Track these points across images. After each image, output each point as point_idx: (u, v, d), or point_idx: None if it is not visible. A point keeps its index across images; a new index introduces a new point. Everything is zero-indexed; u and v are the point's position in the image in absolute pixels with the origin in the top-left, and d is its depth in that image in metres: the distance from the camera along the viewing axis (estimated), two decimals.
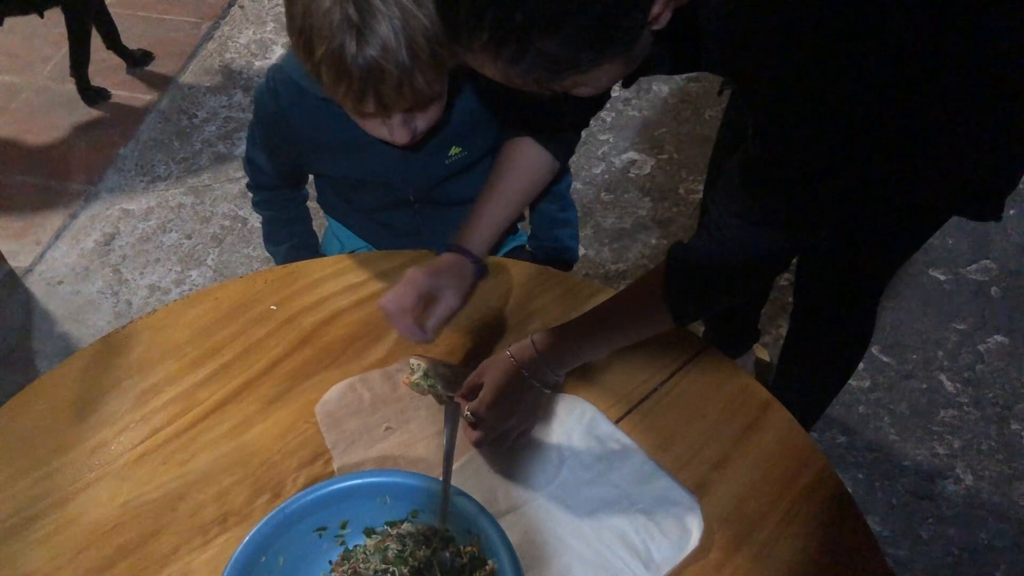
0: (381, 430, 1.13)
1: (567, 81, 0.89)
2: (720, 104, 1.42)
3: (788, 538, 1.01)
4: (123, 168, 2.71)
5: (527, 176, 1.29)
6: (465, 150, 1.35)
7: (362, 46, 1.03)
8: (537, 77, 0.86)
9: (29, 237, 2.50)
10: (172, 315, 1.27)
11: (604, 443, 1.10)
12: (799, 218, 0.97)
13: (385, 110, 1.13)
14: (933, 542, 1.81)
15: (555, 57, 0.84)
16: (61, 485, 1.08)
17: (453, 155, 1.34)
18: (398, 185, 1.37)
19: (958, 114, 1.05)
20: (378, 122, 1.17)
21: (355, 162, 1.34)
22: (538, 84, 0.88)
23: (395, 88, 1.08)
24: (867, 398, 2.05)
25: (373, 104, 1.10)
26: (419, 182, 1.37)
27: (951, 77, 0.97)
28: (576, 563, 0.99)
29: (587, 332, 1.11)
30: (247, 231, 2.49)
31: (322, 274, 1.32)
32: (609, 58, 0.87)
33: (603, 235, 2.45)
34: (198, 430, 1.13)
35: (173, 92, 2.98)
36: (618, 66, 0.90)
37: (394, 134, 1.18)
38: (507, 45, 0.83)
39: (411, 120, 1.18)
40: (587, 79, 0.90)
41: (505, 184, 1.28)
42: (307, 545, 0.96)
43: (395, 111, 1.14)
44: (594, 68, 0.87)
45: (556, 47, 0.82)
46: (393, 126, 1.17)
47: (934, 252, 2.34)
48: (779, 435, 1.10)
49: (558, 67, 0.85)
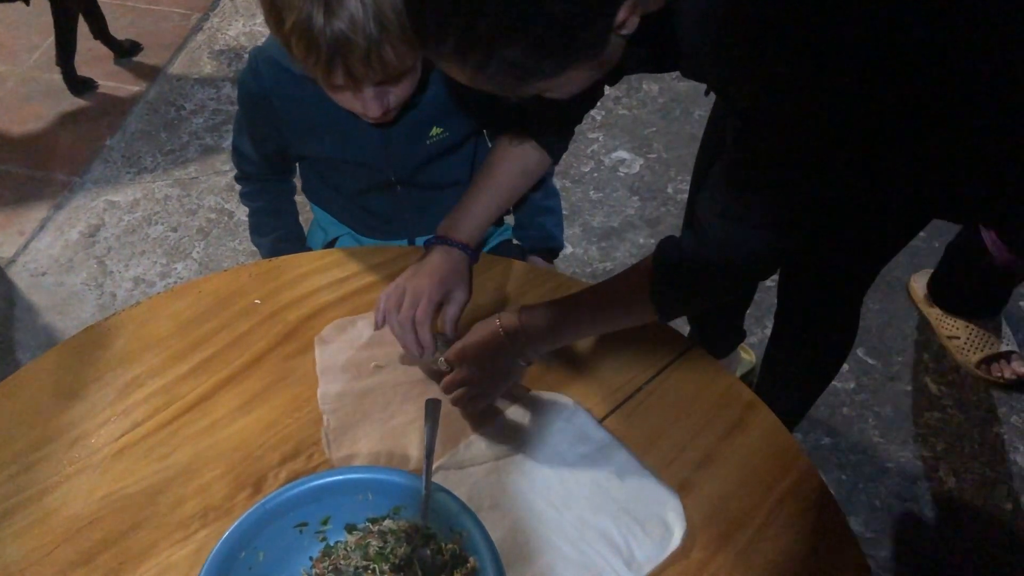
0: (370, 367, 1.18)
1: (534, 87, 0.89)
2: (709, 103, 1.42)
3: (770, 538, 1.01)
4: (109, 159, 2.70)
5: (519, 170, 1.30)
6: (447, 131, 1.35)
7: (329, 18, 1.04)
8: (503, 83, 0.88)
9: (12, 228, 2.48)
10: (155, 308, 1.26)
11: (588, 441, 1.09)
12: (780, 219, 0.98)
13: (355, 83, 1.12)
14: (916, 543, 1.82)
15: (519, 64, 0.85)
16: (40, 478, 1.07)
17: (434, 135, 1.34)
18: (380, 166, 1.37)
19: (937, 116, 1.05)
20: (349, 95, 1.17)
21: (337, 142, 1.34)
22: (505, 89, 0.89)
23: (363, 60, 1.07)
24: (852, 400, 2.06)
25: (342, 76, 1.10)
26: (400, 163, 1.37)
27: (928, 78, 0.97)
28: (558, 561, 0.98)
29: (571, 316, 1.11)
30: (233, 224, 2.48)
31: (307, 268, 1.32)
32: (574, 65, 0.88)
33: (591, 233, 2.45)
34: (180, 424, 1.13)
35: (161, 83, 2.96)
36: (586, 72, 0.91)
37: (367, 108, 1.18)
38: (472, 53, 0.84)
39: (383, 94, 1.17)
40: (554, 85, 0.91)
41: (496, 175, 1.29)
42: (288, 541, 0.96)
43: (365, 84, 1.14)
44: (560, 75, 0.88)
45: (520, 55, 0.83)
46: (365, 99, 1.17)
47: (921, 255, 2.35)
48: (763, 435, 1.11)
49: (523, 74, 0.86)
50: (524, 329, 1.09)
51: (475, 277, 1.28)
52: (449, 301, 1.19)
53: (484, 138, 1.48)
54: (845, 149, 0.92)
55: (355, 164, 1.38)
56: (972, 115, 1.05)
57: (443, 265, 1.20)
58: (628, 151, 2.69)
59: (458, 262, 1.22)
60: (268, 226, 1.52)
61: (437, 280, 1.18)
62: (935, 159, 1.11)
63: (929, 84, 0.98)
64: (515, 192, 1.33)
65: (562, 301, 1.12)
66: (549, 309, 1.11)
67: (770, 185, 0.95)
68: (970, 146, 1.09)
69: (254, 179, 1.48)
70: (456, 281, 1.20)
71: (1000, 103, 0.96)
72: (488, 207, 1.28)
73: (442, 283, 1.18)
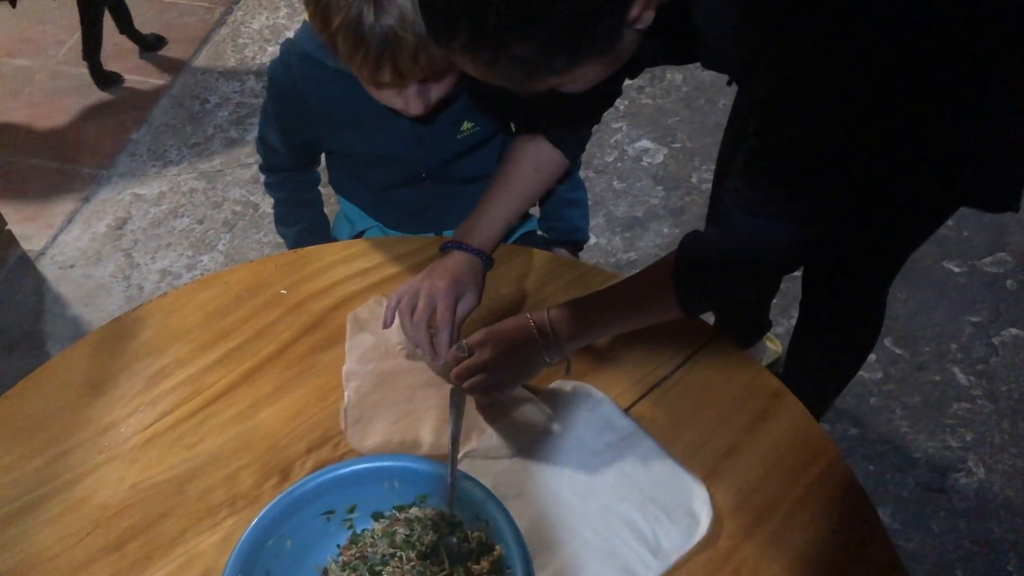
0: (397, 349, 1.18)
1: (546, 82, 0.89)
2: (733, 92, 1.41)
3: (798, 528, 1.00)
4: (135, 153, 2.72)
5: (535, 173, 1.30)
6: (477, 125, 1.35)
7: (380, 15, 1.05)
8: (514, 78, 0.88)
9: (41, 221, 2.51)
10: (182, 298, 1.27)
11: (614, 431, 1.09)
12: (803, 212, 0.97)
13: (401, 79, 1.13)
14: (944, 535, 1.80)
15: (530, 60, 0.85)
16: (70, 466, 1.09)
17: (465, 130, 1.34)
18: (410, 161, 1.37)
19: (962, 101, 1.03)
20: (393, 92, 1.18)
21: (368, 137, 1.34)
22: (517, 84, 0.89)
23: (411, 57, 1.08)
24: (879, 390, 2.04)
25: (389, 74, 1.11)
26: (431, 158, 1.37)
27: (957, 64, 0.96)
28: (584, 550, 0.98)
29: (598, 313, 1.11)
30: (258, 216, 2.49)
31: (332, 259, 1.32)
32: (586, 61, 0.87)
33: (615, 224, 2.44)
34: (207, 413, 1.13)
35: (186, 77, 2.98)
36: (599, 66, 0.91)
37: (408, 105, 1.19)
38: (483, 49, 0.84)
39: (426, 91, 1.18)
40: (566, 80, 0.90)
41: (512, 180, 1.29)
42: (315, 528, 0.96)
43: (411, 81, 1.14)
44: (572, 70, 0.88)
45: (530, 51, 0.83)
46: (408, 96, 1.17)
47: (949, 244, 2.32)
48: (790, 425, 1.10)
49: (534, 69, 0.86)
50: (552, 326, 1.09)
51: (497, 267, 1.28)
52: (460, 303, 1.19)
53: (512, 133, 1.48)
54: (867, 137, 0.91)
55: (385, 158, 1.38)
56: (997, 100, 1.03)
57: (457, 268, 1.20)
58: (652, 141, 2.68)
59: (472, 267, 1.22)
60: (293, 216, 1.53)
61: (451, 283, 1.18)
62: (961, 145, 1.10)
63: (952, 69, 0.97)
64: (532, 195, 1.33)
65: (588, 299, 1.12)
66: (576, 308, 1.11)
67: (792, 176, 0.94)
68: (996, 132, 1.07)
69: (279, 170, 1.48)
70: (468, 285, 1.20)
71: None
72: (504, 212, 1.28)
73: (455, 285, 1.18)
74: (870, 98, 0.88)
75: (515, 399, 1.12)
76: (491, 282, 1.27)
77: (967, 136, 1.08)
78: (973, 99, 1.03)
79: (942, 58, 0.95)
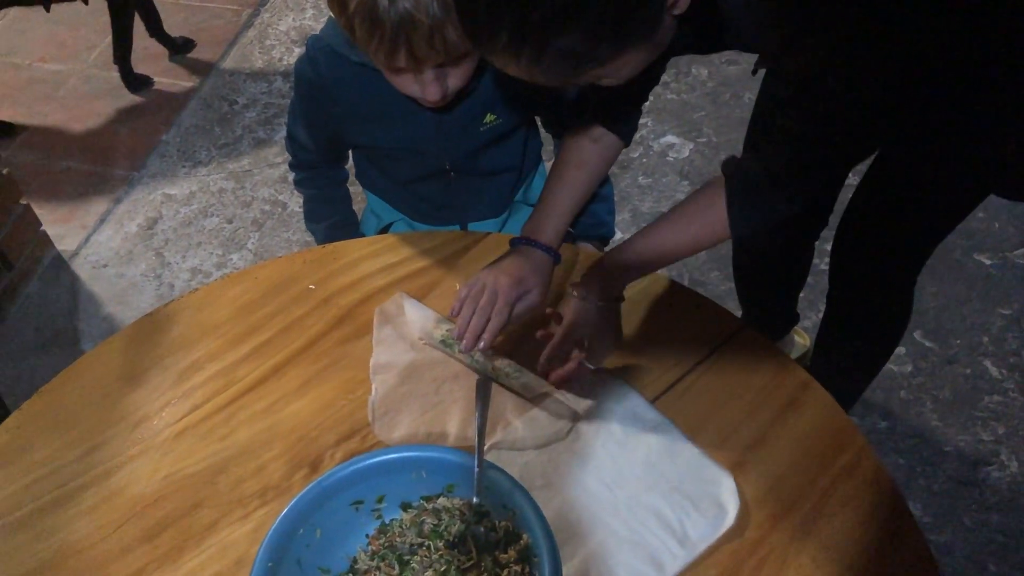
0: (420, 343, 1.20)
1: (590, 74, 0.89)
2: (758, 86, 1.40)
3: (826, 518, 1.00)
4: (165, 154, 2.75)
5: (596, 161, 1.29)
6: (500, 117, 1.36)
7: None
8: (559, 73, 0.87)
9: (75, 221, 2.55)
10: (213, 294, 1.29)
11: (640, 421, 1.09)
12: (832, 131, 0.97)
13: (417, 64, 1.14)
14: (976, 528, 1.78)
15: (574, 53, 0.84)
16: (105, 458, 1.11)
17: (488, 122, 1.35)
18: (434, 154, 1.38)
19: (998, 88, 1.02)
20: (410, 78, 1.18)
21: (392, 130, 1.36)
22: (560, 79, 0.89)
23: (427, 40, 1.09)
24: (909, 383, 2.02)
25: (405, 57, 1.11)
26: (455, 151, 1.38)
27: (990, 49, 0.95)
28: (611, 539, 0.99)
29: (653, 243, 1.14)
30: (287, 215, 2.52)
31: (360, 254, 1.34)
32: (630, 48, 0.87)
33: (640, 219, 2.43)
34: (238, 406, 1.15)
35: (214, 79, 3.01)
36: (642, 54, 0.91)
37: (426, 91, 1.19)
38: (526, 45, 0.84)
39: (443, 77, 1.19)
40: (610, 70, 0.90)
41: (575, 172, 1.28)
42: (344, 518, 0.97)
43: (427, 65, 1.15)
44: (616, 59, 0.88)
45: (574, 43, 0.83)
46: (425, 82, 1.18)
47: (979, 235, 2.29)
48: (817, 415, 1.09)
49: (579, 62, 0.86)
50: (607, 268, 1.12)
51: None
52: (521, 300, 1.16)
53: (536, 126, 1.48)
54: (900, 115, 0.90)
55: (409, 152, 1.39)
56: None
57: (524, 265, 1.18)
58: (677, 136, 2.67)
59: (540, 263, 1.20)
60: (322, 213, 1.55)
61: (516, 279, 1.15)
62: (991, 132, 1.09)
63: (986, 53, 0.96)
64: (593, 185, 1.32)
65: (642, 233, 1.14)
66: (631, 243, 1.13)
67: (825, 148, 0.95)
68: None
69: (308, 167, 1.50)
70: (534, 282, 1.17)
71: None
72: (569, 206, 1.27)
73: (520, 282, 1.15)
74: (905, 78, 0.87)
75: (539, 393, 1.12)
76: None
77: (998, 123, 1.07)
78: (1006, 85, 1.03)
79: (976, 42, 0.94)
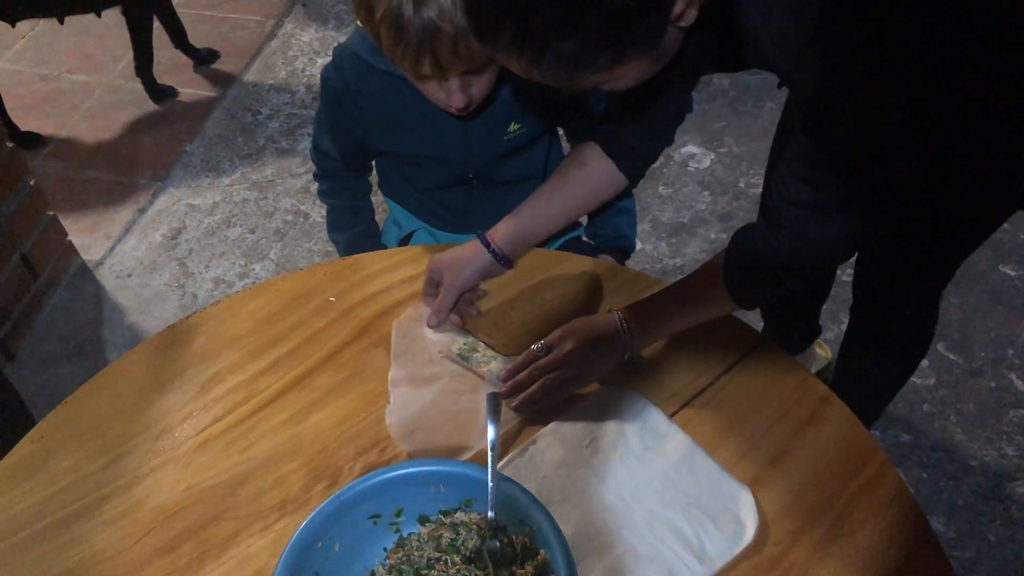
0: (438, 356, 1.21)
1: (589, 79, 0.90)
2: (780, 96, 1.40)
3: (846, 535, 0.99)
4: (189, 164, 2.78)
5: (584, 181, 1.30)
6: (524, 126, 1.37)
7: (419, 7, 1.09)
8: (558, 76, 0.88)
9: (100, 231, 2.58)
10: (234, 306, 1.30)
11: (659, 437, 1.09)
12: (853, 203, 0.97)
13: (442, 71, 1.16)
14: (1001, 545, 1.76)
15: (574, 58, 0.85)
16: (128, 469, 1.12)
17: (512, 131, 1.37)
18: (457, 162, 1.40)
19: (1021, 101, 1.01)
20: (435, 85, 1.21)
21: (416, 137, 1.38)
22: (561, 82, 0.90)
23: (451, 48, 1.12)
24: (932, 396, 2.00)
25: (429, 65, 1.14)
26: (478, 158, 1.40)
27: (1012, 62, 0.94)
28: (628, 555, 0.98)
29: (663, 309, 1.14)
30: (309, 226, 2.53)
31: (380, 266, 1.34)
32: (631, 57, 0.88)
33: (661, 229, 2.43)
34: (258, 418, 1.16)
35: (238, 89, 3.04)
36: (644, 64, 0.92)
37: (451, 98, 1.22)
38: (527, 47, 0.85)
39: (467, 84, 1.22)
40: (610, 77, 0.91)
41: (558, 186, 1.29)
42: (363, 532, 0.97)
43: (451, 72, 1.18)
44: (616, 67, 0.88)
45: (574, 48, 0.84)
46: (450, 90, 1.21)
47: (1005, 247, 2.27)
48: (837, 430, 1.09)
49: (578, 67, 0.87)
50: (630, 323, 1.12)
51: (542, 272, 1.30)
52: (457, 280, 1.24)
53: (558, 135, 1.49)
54: (919, 135, 0.90)
55: (433, 159, 1.41)
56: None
57: (463, 254, 1.25)
58: (698, 146, 2.66)
59: (484, 261, 1.25)
60: (346, 223, 1.57)
61: (459, 265, 1.24)
62: (1017, 146, 1.08)
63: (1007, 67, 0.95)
64: (577, 205, 1.33)
65: (652, 298, 1.15)
66: (646, 305, 1.14)
67: (841, 170, 0.94)
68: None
69: (332, 176, 1.52)
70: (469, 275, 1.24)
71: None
72: (540, 218, 1.29)
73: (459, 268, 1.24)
74: (922, 95, 0.87)
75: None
76: (535, 287, 1.28)
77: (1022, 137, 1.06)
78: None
79: (997, 55, 0.94)
